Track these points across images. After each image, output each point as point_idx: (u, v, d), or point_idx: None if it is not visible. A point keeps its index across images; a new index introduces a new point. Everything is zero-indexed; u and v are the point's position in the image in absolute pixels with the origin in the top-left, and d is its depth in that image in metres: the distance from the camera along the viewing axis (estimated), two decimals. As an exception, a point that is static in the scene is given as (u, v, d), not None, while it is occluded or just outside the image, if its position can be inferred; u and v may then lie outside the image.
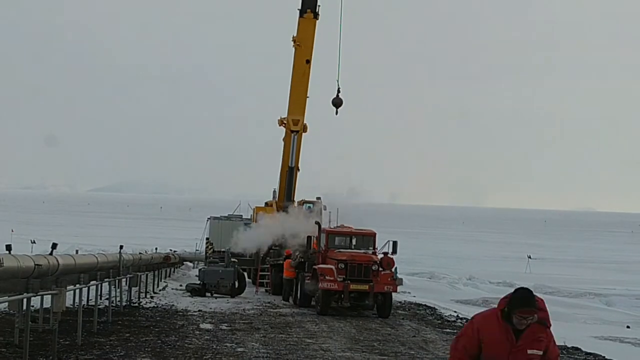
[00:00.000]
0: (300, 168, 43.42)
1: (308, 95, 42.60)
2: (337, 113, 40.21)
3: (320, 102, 43.71)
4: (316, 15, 41.68)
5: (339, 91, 40.36)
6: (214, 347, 20.18)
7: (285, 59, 43.78)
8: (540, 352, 8.81)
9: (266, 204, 45.67)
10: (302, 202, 42.99)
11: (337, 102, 40.18)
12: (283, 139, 43.24)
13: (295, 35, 42.18)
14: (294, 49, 42.17)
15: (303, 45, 41.95)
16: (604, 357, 21.83)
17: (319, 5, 41.67)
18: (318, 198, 42.41)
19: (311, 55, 42.10)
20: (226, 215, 51.94)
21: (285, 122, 42.64)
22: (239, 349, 19.95)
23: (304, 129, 42.76)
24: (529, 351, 8.76)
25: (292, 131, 42.30)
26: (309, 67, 42.21)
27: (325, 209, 40.48)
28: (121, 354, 18.47)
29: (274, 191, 45.37)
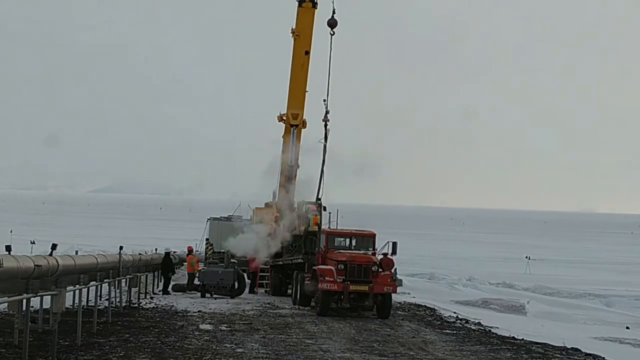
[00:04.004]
0: (300, 165, 43.24)
1: (307, 90, 42.40)
2: (333, 33, 40.10)
3: (319, 101, 43.48)
4: (315, 5, 41.52)
5: (334, 12, 40.27)
6: (214, 347, 20.19)
7: (285, 60, 43.61)
8: None
9: (266, 205, 45.56)
10: (302, 203, 42.87)
11: (332, 23, 40.21)
12: (282, 136, 43.16)
13: (294, 27, 42.07)
14: (292, 39, 42.01)
15: (302, 35, 41.77)
16: (603, 358, 21.82)
17: None
18: (318, 199, 42.32)
19: (310, 46, 41.90)
20: (226, 216, 51.93)
21: (284, 117, 42.54)
22: (239, 350, 19.95)
23: (304, 124, 42.58)
24: None
25: (292, 125, 42.17)
26: (308, 59, 41.97)
27: (325, 210, 40.46)
28: (121, 354, 18.48)
29: (274, 192, 45.25)
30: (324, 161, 38.04)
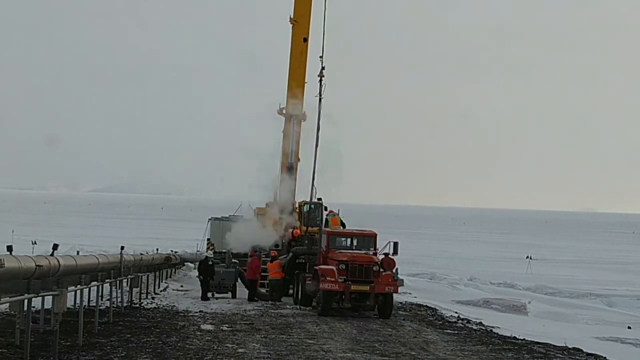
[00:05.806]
0: (300, 158, 43.17)
1: (306, 81, 42.38)
2: None
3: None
4: None
5: None
6: (215, 347, 20.19)
7: (283, 61, 43.63)
8: None
9: (267, 205, 45.54)
10: (303, 203, 42.90)
11: None
12: (282, 131, 43.10)
13: (292, 16, 42.19)
14: (291, 25, 42.08)
15: (300, 21, 41.89)
16: (605, 357, 21.82)
17: None
18: (319, 199, 42.33)
19: (308, 33, 42.01)
20: (227, 216, 51.89)
21: (284, 110, 42.53)
22: (240, 350, 19.95)
23: (304, 117, 42.54)
24: None
25: (291, 115, 42.17)
26: (307, 47, 42.06)
27: (326, 210, 40.46)
28: (122, 354, 18.49)
29: (275, 192, 45.22)
30: (319, 116, 38.10)
